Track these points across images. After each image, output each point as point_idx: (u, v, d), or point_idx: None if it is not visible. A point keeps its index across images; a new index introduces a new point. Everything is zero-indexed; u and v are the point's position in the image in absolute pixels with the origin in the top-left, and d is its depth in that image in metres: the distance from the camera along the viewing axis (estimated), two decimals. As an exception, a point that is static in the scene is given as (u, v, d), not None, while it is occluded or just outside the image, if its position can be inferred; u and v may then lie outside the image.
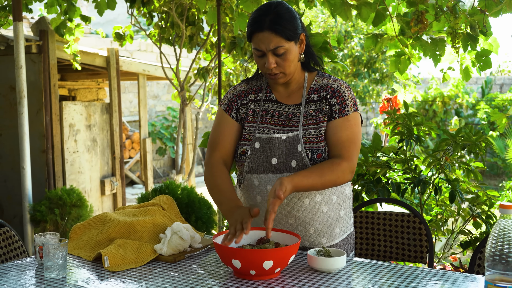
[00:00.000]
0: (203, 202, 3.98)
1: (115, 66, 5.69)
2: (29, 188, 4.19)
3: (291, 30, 1.83)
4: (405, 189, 3.06)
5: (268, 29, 1.81)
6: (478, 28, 3.10)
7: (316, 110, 1.92)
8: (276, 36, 1.81)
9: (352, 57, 10.78)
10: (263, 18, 1.82)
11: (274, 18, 1.81)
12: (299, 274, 1.68)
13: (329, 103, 1.92)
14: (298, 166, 1.87)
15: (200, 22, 5.12)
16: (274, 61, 1.85)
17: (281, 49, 1.83)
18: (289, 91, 1.98)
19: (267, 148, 1.90)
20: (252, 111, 1.98)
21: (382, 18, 3.18)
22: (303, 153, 1.87)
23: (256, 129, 1.94)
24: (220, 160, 1.98)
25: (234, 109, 2.01)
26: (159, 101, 11.67)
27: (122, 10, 7.20)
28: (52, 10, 4.36)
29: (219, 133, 2.00)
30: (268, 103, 1.99)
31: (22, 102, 4.12)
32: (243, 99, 2.01)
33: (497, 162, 9.95)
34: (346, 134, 1.89)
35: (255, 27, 1.83)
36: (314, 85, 1.97)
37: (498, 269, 1.34)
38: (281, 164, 1.89)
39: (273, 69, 1.86)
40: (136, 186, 10.06)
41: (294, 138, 1.89)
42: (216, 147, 1.99)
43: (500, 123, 4.46)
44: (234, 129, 1.99)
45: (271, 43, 1.82)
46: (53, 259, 1.67)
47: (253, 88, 2.03)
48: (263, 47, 1.83)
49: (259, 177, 1.92)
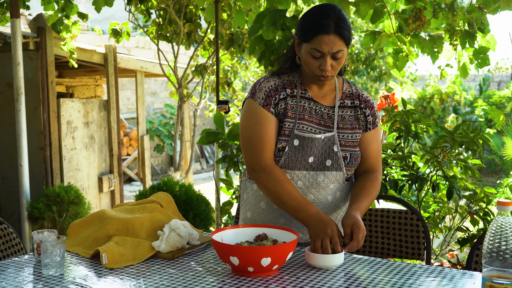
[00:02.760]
0: (201, 199, 3.98)
1: (113, 63, 5.68)
2: (26, 185, 4.18)
3: (350, 36, 1.87)
4: (403, 186, 3.06)
5: (334, 32, 1.82)
6: (476, 25, 3.10)
7: (352, 116, 1.99)
8: (340, 40, 1.83)
9: (350, 54, 10.77)
10: (329, 21, 1.82)
11: (339, 22, 1.83)
12: (297, 271, 1.68)
13: (363, 113, 2.00)
14: (332, 165, 1.93)
15: (198, 19, 5.12)
16: (330, 63, 1.86)
17: (340, 53, 1.85)
18: (323, 92, 1.99)
19: (306, 146, 1.91)
20: (290, 106, 1.95)
21: (380, 15, 3.17)
22: (339, 153, 1.93)
23: (295, 125, 1.93)
24: (273, 162, 1.93)
25: (272, 104, 1.93)
26: (157, 98, 11.65)
27: (120, 7, 7.18)
28: (49, 7, 4.34)
29: (263, 132, 1.91)
30: (304, 100, 1.97)
31: (19, 99, 4.11)
32: (280, 94, 1.94)
33: (495, 159, 9.96)
34: (377, 145, 2.02)
35: (321, 29, 1.82)
36: (345, 90, 2.02)
37: (496, 266, 1.35)
38: (316, 162, 1.93)
39: (328, 71, 1.87)
40: (134, 183, 10.05)
41: (331, 138, 1.93)
42: (265, 147, 1.91)
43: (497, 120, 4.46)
44: (276, 126, 1.93)
45: (335, 46, 1.83)
46: (51, 256, 1.66)
47: (287, 83, 1.98)
48: (325, 49, 1.83)
49: (292, 173, 1.93)
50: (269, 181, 1.89)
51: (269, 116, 1.92)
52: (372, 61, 10.64)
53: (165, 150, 11.11)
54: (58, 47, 4.88)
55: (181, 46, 5.25)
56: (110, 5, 4.08)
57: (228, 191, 3.66)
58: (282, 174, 1.90)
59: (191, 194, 3.92)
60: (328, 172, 1.94)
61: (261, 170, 1.90)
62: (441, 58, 3.36)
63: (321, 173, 1.93)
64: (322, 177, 1.94)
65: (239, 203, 2.15)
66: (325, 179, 1.94)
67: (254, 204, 2.03)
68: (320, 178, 1.94)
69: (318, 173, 1.93)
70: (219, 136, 3.45)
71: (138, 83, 6.38)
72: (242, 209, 2.10)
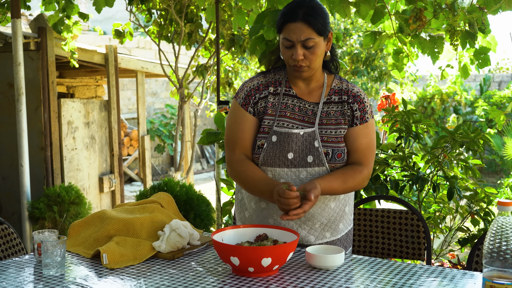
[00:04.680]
0: (202, 199, 3.98)
1: (114, 63, 5.68)
2: (27, 185, 4.18)
3: (322, 24, 1.85)
4: (404, 186, 3.06)
5: (301, 20, 1.83)
6: (476, 26, 3.10)
7: (338, 111, 1.95)
8: (308, 27, 1.83)
9: (351, 54, 10.77)
10: (297, 10, 1.84)
11: (308, 10, 1.83)
12: (298, 271, 1.69)
13: (351, 108, 1.95)
14: (314, 161, 1.89)
15: (199, 19, 5.12)
16: (302, 53, 1.85)
17: (311, 42, 1.84)
18: (310, 89, 1.98)
19: (284, 142, 1.90)
20: (271, 104, 1.96)
21: (381, 16, 3.17)
22: (320, 149, 1.89)
23: (274, 122, 1.93)
24: (242, 156, 1.96)
25: (251, 104, 1.97)
26: (157, 98, 11.65)
27: (121, 7, 7.19)
28: (50, 7, 4.34)
29: (237, 131, 1.97)
30: (288, 97, 1.97)
31: (20, 99, 4.11)
32: (262, 92, 1.97)
33: (495, 159, 9.96)
34: (366, 141, 1.95)
35: (288, 17, 1.84)
36: (334, 86, 1.98)
37: (496, 266, 1.35)
38: (296, 159, 1.90)
39: (300, 61, 1.86)
40: (135, 184, 10.06)
41: (311, 134, 1.90)
42: (236, 145, 1.97)
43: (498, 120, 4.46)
44: (252, 125, 1.97)
45: (303, 34, 1.83)
46: (51, 256, 1.67)
47: (271, 81, 2.00)
48: (294, 37, 1.84)
49: (273, 170, 1.92)
50: (234, 172, 1.96)
51: (247, 116, 1.97)
52: (372, 61, 10.64)
53: (166, 150, 11.10)
54: (59, 47, 4.88)
55: (182, 46, 5.25)
56: (111, 6, 4.08)
57: (228, 191, 3.66)
58: (247, 164, 1.93)
59: (191, 194, 3.92)
60: (310, 169, 1.90)
61: (231, 165, 1.98)
62: (442, 58, 3.36)
63: (303, 169, 1.90)
64: (304, 173, 1.91)
65: (235, 203, 2.16)
66: (308, 176, 1.91)
67: (247, 204, 2.04)
68: (302, 174, 1.91)
69: (300, 170, 1.90)
70: (220, 136, 3.45)
71: (139, 83, 6.39)
72: (238, 209, 2.10)
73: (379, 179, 3.03)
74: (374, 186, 3.00)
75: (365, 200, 2.58)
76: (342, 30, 10.78)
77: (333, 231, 1.98)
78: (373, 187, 3.01)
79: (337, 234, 1.99)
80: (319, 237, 1.96)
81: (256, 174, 1.90)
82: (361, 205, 2.60)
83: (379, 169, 3.01)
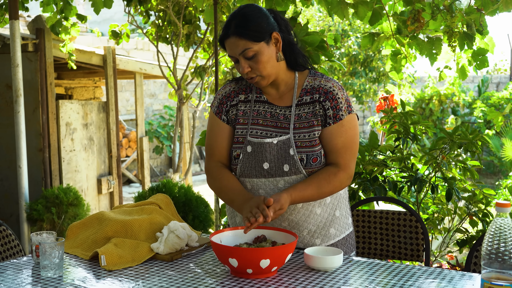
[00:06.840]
0: (200, 200, 3.98)
1: (112, 64, 5.68)
2: (25, 187, 4.18)
3: (257, 31, 1.78)
4: (402, 187, 3.06)
5: (233, 34, 1.78)
6: (474, 27, 3.10)
7: (309, 113, 1.87)
8: (241, 39, 1.78)
9: (349, 55, 10.78)
10: (230, 24, 1.80)
11: (239, 21, 1.78)
12: (296, 272, 1.68)
13: (323, 106, 1.86)
14: (290, 170, 1.84)
15: (197, 20, 5.12)
16: (247, 65, 1.80)
17: (250, 52, 1.78)
18: (280, 93, 1.92)
19: (258, 152, 1.86)
20: (242, 112, 1.93)
21: (379, 17, 3.18)
22: (295, 157, 1.83)
23: (248, 131, 1.89)
24: (218, 164, 1.95)
25: (224, 112, 1.95)
26: (156, 99, 11.65)
27: (119, 9, 7.19)
28: (48, 8, 4.34)
29: (213, 139, 1.96)
30: (259, 104, 1.93)
31: (18, 101, 4.11)
32: (233, 100, 1.95)
33: (494, 160, 9.97)
34: (341, 140, 1.85)
35: (223, 34, 1.81)
36: (306, 86, 1.90)
37: (495, 267, 1.35)
38: (273, 168, 1.85)
39: (248, 73, 1.82)
40: (133, 185, 10.05)
41: (286, 141, 1.84)
42: (212, 153, 1.97)
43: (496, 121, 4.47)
44: (226, 133, 1.94)
45: (238, 47, 1.79)
46: (49, 258, 1.66)
47: (243, 88, 1.96)
48: (232, 53, 1.81)
49: (251, 181, 1.89)
50: (211, 180, 1.97)
51: (220, 124, 1.95)
52: (370, 62, 10.65)
53: (164, 151, 11.10)
54: (57, 49, 4.88)
55: (180, 48, 5.25)
56: (109, 7, 4.08)
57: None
58: (222, 172, 1.92)
59: (190, 196, 3.92)
60: (287, 177, 1.84)
61: (208, 172, 1.97)
62: (440, 60, 3.37)
63: (281, 179, 1.85)
64: (282, 182, 1.85)
65: (226, 209, 2.13)
66: (286, 185, 1.85)
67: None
68: (280, 184, 1.85)
69: (278, 179, 1.85)
70: (218, 138, 3.45)
71: (137, 85, 6.38)
72: (229, 214, 2.08)
73: (377, 180, 3.03)
74: (373, 188, 3.01)
75: (364, 201, 2.58)
76: (340, 31, 10.79)
77: (323, 237, 1.93)
78: (371, 189, 3.01)
79: (329, 240, 1.94)
80: (308, 244, 1.92)
81: (230, 182, 1.89)
82: (359, 207, 2.60)
83: (377, 170, 3.01)
